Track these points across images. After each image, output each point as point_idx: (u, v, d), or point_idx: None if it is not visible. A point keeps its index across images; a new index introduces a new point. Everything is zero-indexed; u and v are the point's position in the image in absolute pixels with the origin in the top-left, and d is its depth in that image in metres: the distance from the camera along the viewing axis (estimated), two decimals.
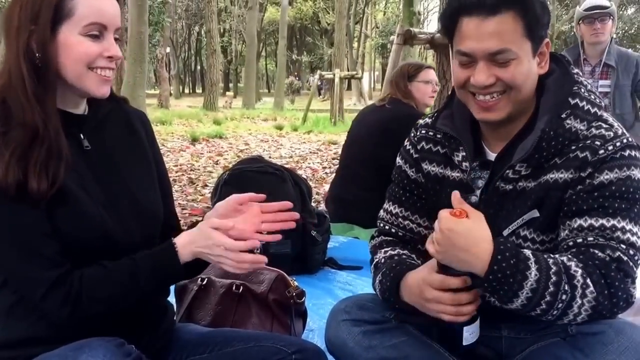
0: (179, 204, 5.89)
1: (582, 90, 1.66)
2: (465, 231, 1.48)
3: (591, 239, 1.55)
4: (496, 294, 1.49)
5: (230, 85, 52.34)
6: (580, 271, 1.49)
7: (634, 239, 1.55)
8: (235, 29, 43.87)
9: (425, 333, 1.75)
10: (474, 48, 1.58)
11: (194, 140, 12.52)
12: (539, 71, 1.65)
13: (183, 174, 7.87)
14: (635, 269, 1.54)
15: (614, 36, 4.95)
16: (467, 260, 1.49)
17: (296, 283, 2.01)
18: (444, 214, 1.51)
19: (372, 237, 1.97)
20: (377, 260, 1.86)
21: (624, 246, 1.53)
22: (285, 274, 2.04)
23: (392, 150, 2.02)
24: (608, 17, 4.74)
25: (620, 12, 34.08)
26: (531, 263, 1.48)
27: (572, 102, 1.64)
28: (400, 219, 1.90)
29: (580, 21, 4.83)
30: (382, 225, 1.94)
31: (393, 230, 1.91)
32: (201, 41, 45.32)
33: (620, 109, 4.83)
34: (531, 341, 1.70)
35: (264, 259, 1.51)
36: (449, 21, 1.64)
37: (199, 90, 32.45)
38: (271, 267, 1.94)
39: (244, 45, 39.40)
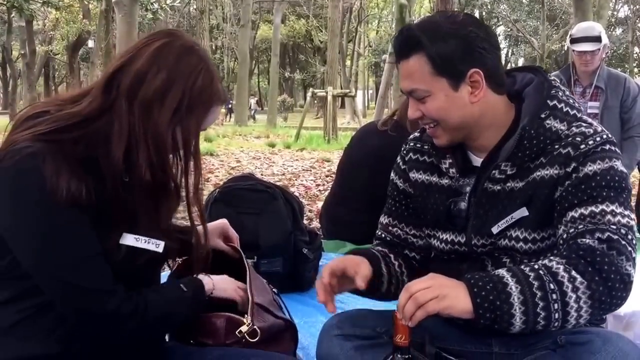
0: None
1: (560, 93, 1.73)
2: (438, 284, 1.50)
3: (581, 227, 1.58)
4: (495, 325, 1.49)
5: None
6: (562, 267, 1.51)
7: (625, 220, 1.58)
8: (228, 47, 43.94)
9: (417, 349, 1.75)
10: (401, 87, 1.76)
11: None
12: (471, 99, 1.68)
13: None
14: (630, 247, 1.55)
15: (604, 56, 5.00)
16: (452, 307, 1.47)
17: (249, 320, 1.81)
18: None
19: None
20: None
21: (614, 227, 1.56)
22: (233, 315, 1.82)
23: (386, 177, 2.04)
24: (597, 49, 4.79)
25: (609, 33, 34.36)
26: (507, 279, 1.50)
27: (551, 103, 1.71)
28: (390, 227, 1.98)
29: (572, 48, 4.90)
30: (377, 234, 2.02)
31: (383, 235, 1.99)
32: None
33: (608, 130, 4.84)
34: (522, 355, 1.71)
35: None
36: None
37: None
38: (218, 312, 1.85)
39: (236, 63, 39.36)
